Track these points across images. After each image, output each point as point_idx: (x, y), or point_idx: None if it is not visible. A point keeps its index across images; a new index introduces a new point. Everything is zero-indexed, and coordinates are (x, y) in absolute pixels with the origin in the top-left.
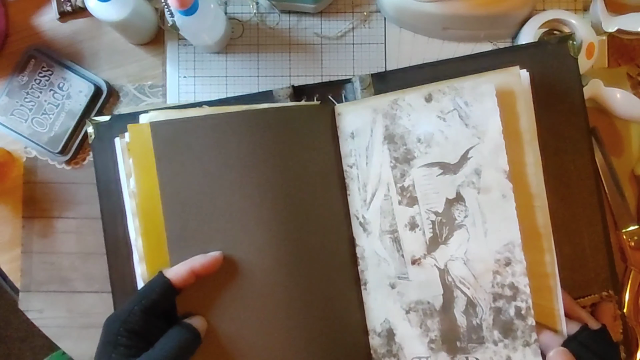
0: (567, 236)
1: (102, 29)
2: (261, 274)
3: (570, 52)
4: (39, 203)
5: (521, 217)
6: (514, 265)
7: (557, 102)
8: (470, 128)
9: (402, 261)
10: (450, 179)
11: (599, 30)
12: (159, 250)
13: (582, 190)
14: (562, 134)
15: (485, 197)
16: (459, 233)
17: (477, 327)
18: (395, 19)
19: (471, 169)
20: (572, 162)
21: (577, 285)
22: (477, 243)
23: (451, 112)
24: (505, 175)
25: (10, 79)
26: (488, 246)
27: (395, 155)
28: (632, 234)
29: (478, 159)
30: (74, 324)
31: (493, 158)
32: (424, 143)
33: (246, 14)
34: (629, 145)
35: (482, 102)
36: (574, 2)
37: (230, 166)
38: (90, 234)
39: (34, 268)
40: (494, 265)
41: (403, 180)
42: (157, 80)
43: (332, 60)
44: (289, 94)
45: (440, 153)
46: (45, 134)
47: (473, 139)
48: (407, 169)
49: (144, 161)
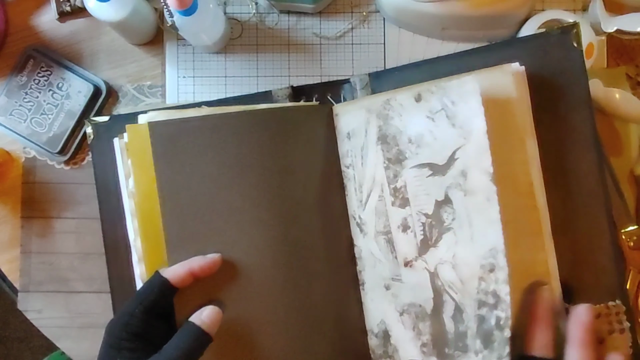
0: (570, 239)
1: (101, 29)
2: (260, 274)
3: (574, 43)
4: (37, 203)
5: (517, 216)
6: (497, 272)
7: (561, 96)
8: (457, 128)
9: (396, 262)
10: (439, 180)
11: (598, 30)
12: (158, 251)
13: (588, 188)
14: (567, 129)
15: (471, 200)
16: (447, 236)
17: (462, 334)
18: (395, 19)
19: (458, 170)
20: (579, 158)
21: (580, 291)
22: (464, 247)
23: (439, 112)
24: (490, 178)
25: (9, 79)
26: (474, 251)
27: (388, 155)
28: (631, 234)
29: (464, 160)
30: (73, 324)
31: (478, 159)
32: (414, 143)
33: (245, 14)
34: (628, 146)
35: (467, 102)
36: (573, 2)
37: (228, 166)
38: (89, 234)
39: (32, 268)
40: (479, 271)
41: (396, 181)
42: (156, 81)
43: (331, 60)
44: (287, 94)
45: (430, 154)
46: (44, 134)
47: (459, 139)
48: (400, 170)
49: (143, 161)
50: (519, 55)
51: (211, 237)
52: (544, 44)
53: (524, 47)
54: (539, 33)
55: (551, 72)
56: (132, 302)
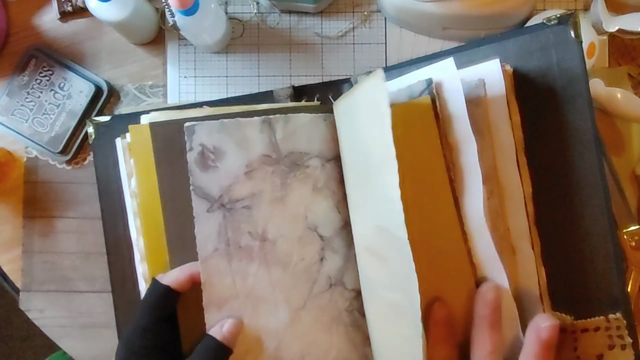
0: (569, 246)
1: (103, 29)
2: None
3: (573, 34)
4: (39, 203)
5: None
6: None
7: (559, 94)
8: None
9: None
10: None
11: (600, 30)
12: (161, 250)
13: (588, 188)
14: (566, 127)
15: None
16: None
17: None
18: (396, 19)
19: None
20: (579, 157)
21: (578, 302)
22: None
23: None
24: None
25: (11, 79)
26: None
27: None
28: (633, 234)
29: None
30: (75, 324)
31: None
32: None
33: (247, 13)
34: (629, 145)
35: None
36: (574, 1)
37: None
38: (91, 233)
39: (34, 268)
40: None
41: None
42: (157, 81)
43: (332, 60)
44: (289, 94)
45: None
46: (46, 134)
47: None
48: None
49: (145, 161)
50: (511, 51)
51: None
52: (538, 37)
53: (515, 42)
54: (532, 25)
55: (546, 67)
56: (143, 315)
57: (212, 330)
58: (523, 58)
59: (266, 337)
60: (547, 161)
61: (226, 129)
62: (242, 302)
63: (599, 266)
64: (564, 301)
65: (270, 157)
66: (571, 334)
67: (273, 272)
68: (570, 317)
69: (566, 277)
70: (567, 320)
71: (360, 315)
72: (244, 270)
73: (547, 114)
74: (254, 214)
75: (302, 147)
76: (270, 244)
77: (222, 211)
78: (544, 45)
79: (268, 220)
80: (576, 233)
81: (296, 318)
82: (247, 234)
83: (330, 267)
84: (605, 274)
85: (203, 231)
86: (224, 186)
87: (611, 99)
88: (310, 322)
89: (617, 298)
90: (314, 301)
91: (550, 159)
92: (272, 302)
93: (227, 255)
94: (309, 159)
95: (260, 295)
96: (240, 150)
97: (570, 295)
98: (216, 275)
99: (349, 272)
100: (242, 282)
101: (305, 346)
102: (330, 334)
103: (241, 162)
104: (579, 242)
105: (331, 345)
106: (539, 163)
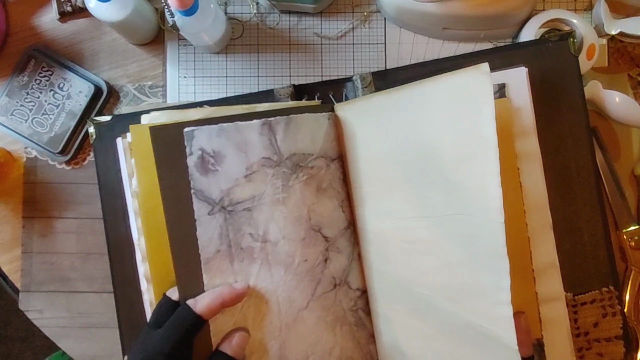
0: (568, 233)
1: (102, 29)
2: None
3: (571, 50)
4: (39, 203)
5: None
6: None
7: (558, 100)
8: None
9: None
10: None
11: (601, 31)
12: (162, 250)
13: (583, 188)
14: (563, 131)
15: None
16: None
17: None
18: (396, 19)
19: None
20: (573, 160)
21: (577, 281)
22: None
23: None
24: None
25: (11, 79)
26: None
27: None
28: (633, 233)
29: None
30: (74, 324)
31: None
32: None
33: (246, 14)
34: (629, 146)
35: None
36: (575, 2)
37: None
38: (91, 234)
39: (34, 268)
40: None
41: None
42: (157, 81)
43: (332, 60)
44: (290, 93)
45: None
46: (46, 134)
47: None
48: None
49: (147, 161)
50: (518, 60)
51: None
52: (541, 50)
53: (523, 52)
54: (536, 39)
55: (549, 76)
56: (167, 339)
57: (223, 346)
58: (527, 66)
59: (269, 337)
60: (547, 161)
61: (225, 133)
62: (244, 302)
63: (593, 251)
64: (567, 283)
65: (271, 159)
66: (572, 309)
67: (275, 272)
68: (571, 294)
69: (567, 262)
70: (569, 297)
71: (365, 314)
72: (246, 270)
73: (546, 117)
74: (255, 215)
75: (306, 147)
76: (271, 245)
77: (223, 214)
78: (544, 57)
79: (269, 222)
80: (574, 226)
81: (299, 318)
82: (249, 235)
83: (334, 267)
84: (598, 256)
85: (205, 233)
86: (225, 189)
87: (608, 102)
88: (314, 322)
89: (608, 274)
90: (317, 301)
91: (550, 159)
92: (274, 302)
93: (229, 257)
94: (314, 159)
95: (262, 295)
96: (239, 154)
97: (571, 276)
98: (219, 276)
99: (354, 272)
100: (245, 282)
101: (309, 346)
102: (334, 334)
103: (241, 165)
104: (576, 234)
105: (335, 344)
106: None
